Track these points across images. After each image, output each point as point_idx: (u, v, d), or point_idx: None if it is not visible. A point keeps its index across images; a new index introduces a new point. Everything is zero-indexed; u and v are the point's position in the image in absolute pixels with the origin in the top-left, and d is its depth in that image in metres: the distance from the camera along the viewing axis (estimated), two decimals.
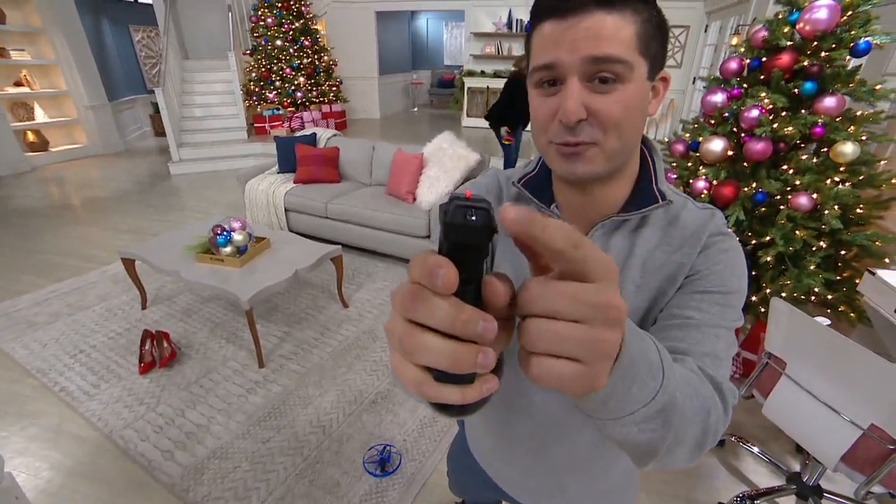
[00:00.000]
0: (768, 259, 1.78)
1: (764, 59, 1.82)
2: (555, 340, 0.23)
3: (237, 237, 2.31)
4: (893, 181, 1.73)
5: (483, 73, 7.86)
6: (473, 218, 0.21)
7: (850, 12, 1.67)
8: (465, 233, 0.21)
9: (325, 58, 6.93)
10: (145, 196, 4.77)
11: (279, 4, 6.31)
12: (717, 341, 0.47)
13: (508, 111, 3.96)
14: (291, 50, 6.44)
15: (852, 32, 1.67)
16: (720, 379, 0.44)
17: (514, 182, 0.57)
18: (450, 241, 0.22)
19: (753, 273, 1.94)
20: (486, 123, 4.26)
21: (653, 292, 0.52)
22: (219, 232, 2.29)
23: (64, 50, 5.84)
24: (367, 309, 2.71)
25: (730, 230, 0.53)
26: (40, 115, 5.97)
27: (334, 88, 7.07)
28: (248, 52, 6.63)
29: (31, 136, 5.82)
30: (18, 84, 5.68)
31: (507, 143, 4.10)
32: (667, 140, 2.25)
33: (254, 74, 6.48)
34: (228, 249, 2.30)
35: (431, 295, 0.22)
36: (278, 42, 6.33)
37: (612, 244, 0.53)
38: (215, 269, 2.26)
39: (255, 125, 6.58)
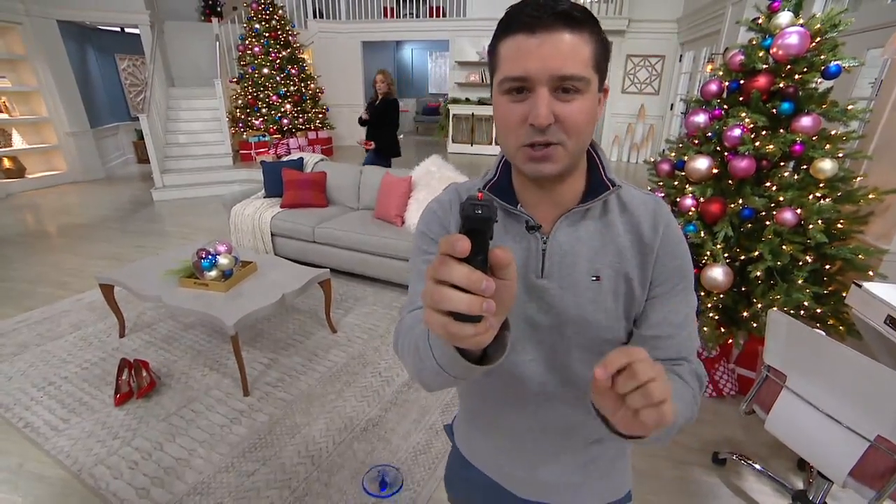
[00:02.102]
0: (758, 274, 1.80)
1: (742, 81, 1.90)
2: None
3: (222, 261, 2.25)
4: (870, 196, 1.79)
5: (468, 101, 8.05)
6: (479, 211, 0.32)
7: (818, 38, 1.77)
8: (474, 221, 0.32)
9: (312, 85, 7.01)
10: (126, 223, 4.64)
11: (267, 34, 6.41)
12: (689, 330, 0.60)
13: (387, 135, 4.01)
14: (278, 78, 6.50)
15: (822, 57, 1.76)
16: (701, 372, 0.60)
17: (479, 189, 0.62)
18: (464, 227, 0.33)
19: (744, 288, 1.96)
20: (470, 149, 4.28)
21: (627, 278, 0.58)
22: (203, 256, 2.23)
23: (46, 77, 5.80)
24: (357, 334, 2.63)
25: (671, 214, 0.61)
26: (18, 142, 5.85)
27: (321, 115, 7.13)
28: (235, 79, 6.67)
29: (6, 163, 5.69)
30: None
31: (367, 150, 4.15)
32: (652, 160, 2.31)
33: (240, 101, 6.50)
34: (213, 273, 2.23)
35: (453, 262, 0.32)
36: (265, 70, 6.39)
37: (582, 232, 0.58)
38: (199, 293, 2.18)
39: (241, 152, 6.55)
